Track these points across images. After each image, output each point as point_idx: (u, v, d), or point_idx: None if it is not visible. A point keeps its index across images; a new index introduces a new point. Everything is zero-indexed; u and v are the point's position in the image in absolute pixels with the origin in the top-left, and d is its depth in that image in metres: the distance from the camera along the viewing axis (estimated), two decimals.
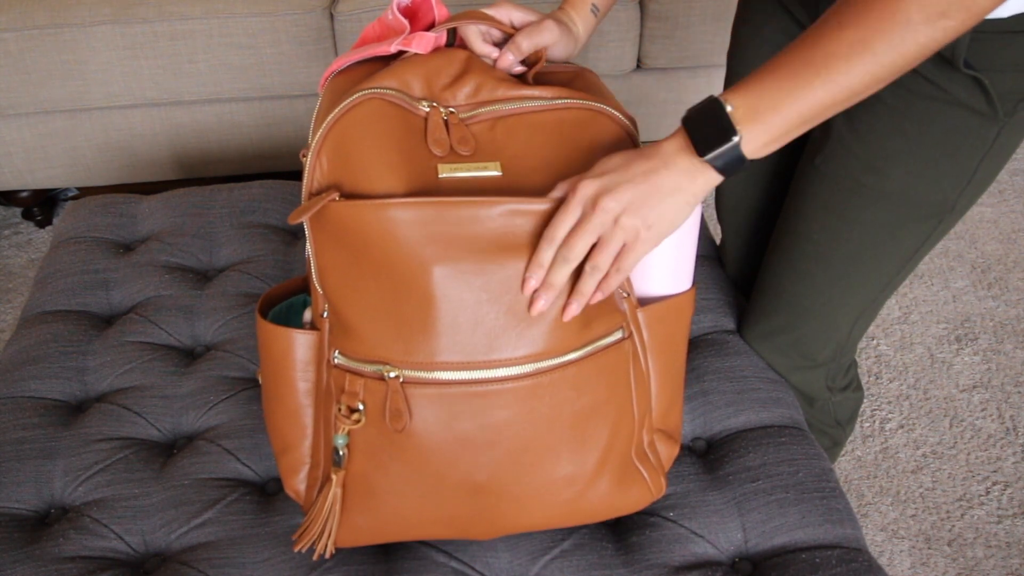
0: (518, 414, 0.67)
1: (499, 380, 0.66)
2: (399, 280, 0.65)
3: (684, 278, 0.81)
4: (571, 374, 0.68)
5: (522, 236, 0.66)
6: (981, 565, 1.35)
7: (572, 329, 0.68)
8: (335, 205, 0.64)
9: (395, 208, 0.64)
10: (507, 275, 0.65)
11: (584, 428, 0.70)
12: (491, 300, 0.65)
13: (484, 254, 0.65)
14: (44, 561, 0.76)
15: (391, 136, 0.68)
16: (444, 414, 0.67)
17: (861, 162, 0.80)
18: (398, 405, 0.67)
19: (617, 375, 0.72)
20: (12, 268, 1.85)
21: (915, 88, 0.74)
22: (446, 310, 0.65)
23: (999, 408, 1.58)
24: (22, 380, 0.94)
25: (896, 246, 0.85)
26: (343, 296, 0.68)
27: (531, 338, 0.66)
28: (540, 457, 0.69)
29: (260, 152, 1.81)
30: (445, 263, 0.64)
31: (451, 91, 0.72)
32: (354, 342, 0.68)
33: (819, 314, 0.93)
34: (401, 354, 0.66)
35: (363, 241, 0.65)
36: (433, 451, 0.68)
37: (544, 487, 0.71)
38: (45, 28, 1.58)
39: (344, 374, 0.69)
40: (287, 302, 0.80)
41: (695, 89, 1.85)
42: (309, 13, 1.61)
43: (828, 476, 0.84)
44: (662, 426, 0.80)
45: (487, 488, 0.69)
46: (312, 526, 0.72)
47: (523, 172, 0.69)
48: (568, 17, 0.81)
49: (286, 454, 0.76)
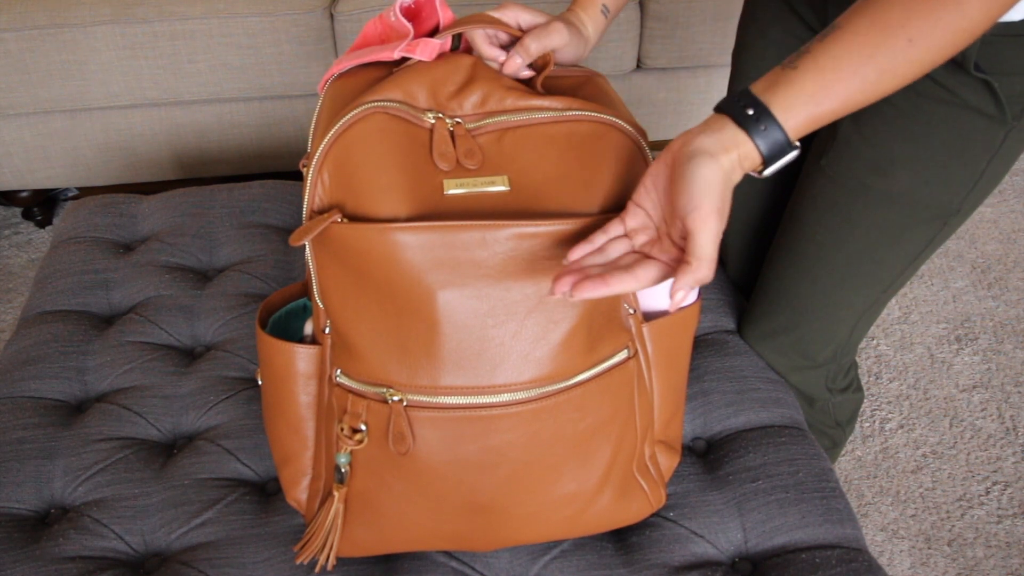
0: (521, 436, 0.67)
1: (503, 405, 0.66)
2: (403, 304, 0.64)
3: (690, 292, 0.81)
4: (576, 396, 0.68)
5: (529, 260, 0.64)
6: (981, 565, 1.35)
7: (578, 352, 0.67)
8: (338, 227, 0.63)
9: (400, 232, 0.62)
10: (513, 299, 0.64)
11: (587, 447, 0.70)
12: (496, 325, 0.64)
13: (490, 279, 0.63)
14: (44, 561, 0.76)
15: (395, 152, 0.66)
16: (447, 437, 0.66)
17: (867, 164, 0.80)
18: (401, 429, 0.66)
19: (621, 394, 0.72)
20: (12, 268, 1.85)
21: (924, 91, 0.74)
22: (451, 335, 0.64)
23: (999, 408, 1.58)
24: (22, 380, 0.94)
25: (900, 248, 0.84)
26: (346, 317, 0.67)
27: (536, 362, 0.65)
28: (543, 477, 0.69)
29: (260, 152, 1.81)
30: (450, 288, 0.63)
31: (457, 100, 0.70)
32: (357, 363, 0.67)
33: (821, 314, 0.92)
34: (405, 378, 0.65)
35: (366, 264, 0.63)
36: (435, 472, 0.68)
37: (546, 505, 0.70)
38: (45, 28, 1.58)
39: (346, 394, 0.68)
40: (286, 308, 0.80)
41: (695, 89, 1.85)
42: (309, 13, 1.61)
43: (828, 476, 0.84)
44: (663, 437, 0.80)
45: (489, 508, 0.69)
46: (314, 539, 0.72)
47: (531, 187, 0.67)
48: (577, 18, 0.79)
49: (288, 465, 0.76)
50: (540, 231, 0.63)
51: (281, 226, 1.17)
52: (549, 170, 0.68)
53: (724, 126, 0.57)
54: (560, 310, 0.66)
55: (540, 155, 0.69)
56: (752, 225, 1.08)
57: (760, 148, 0.57)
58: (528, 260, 0.64)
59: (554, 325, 0.65)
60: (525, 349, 0.65)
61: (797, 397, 1.00)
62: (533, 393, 0.66)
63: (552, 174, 0.68)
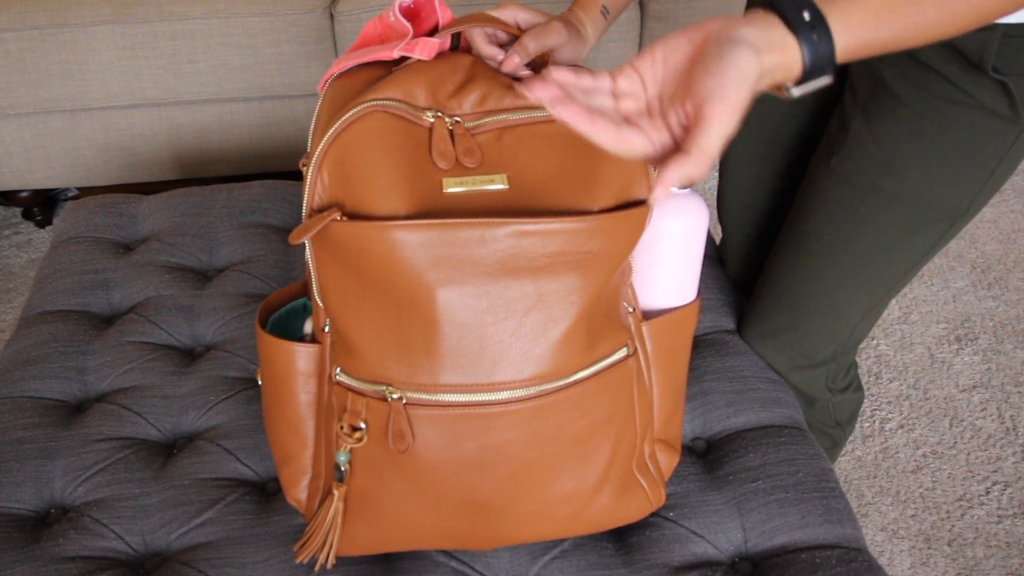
0: (521, 434, 0.67)
1: (503, 403, 0.66)
2: (403, 302, 0.64)
3: (689, 290, 0.81)
4: (575, 394, 0.68)
5: (529, 257, 0.64)
6: (981, 565, 1.35)
7: (577, 350, 0.67)
8: (337, 225, 0.63)
9: (399, 230, 0.62)
10: (512, 297, 0.64)
11: (587, 446, 0.70)
12: (496, 323, 0.64)
13: (490, 276, 0.64)
14: (44, 561, 0.76)
15: (394, 151, 0.66)
16: (447, 435, 0.66)
17: (878, 164, 0.80)
18: (401, 427, 0.66)
19: (621, 392, 0.72)
20: (12, 268, 1.85)
21: (937, 91, 0.74)
22: (450, 333, 0.64)
23: (999, 408, 1.58)
24: (22, 380, 0.94)
25: (907, 248, 0.84)
26: (345, 315, 0.67)
27: (536, 360, 0.65)
28: (542, 475, 0.69)
29: (260, 152, 1.81)
30: (450, 286, 0.63)
31: (456, 99, 0.70)
32: (356, 361, 0.67)
33: (823, 314, 0.92)
34: (404, 376, 0.66)
35: (366, 262, 0.63)
36: (435, 470, 0.68)
37: (545, 503, 0.70)
38: (45, 28, 1.58)
39: (346, 392, 0.68)
40: (286, 307, 0.80)
41: None
42: (309, 13, 1.61)
43: (828, 476, 0.84)
44: (663, 436, 0.80)
45: (488, 505, 0.69)
46: (314, 538, 0.72)
47: (531, 184, 0.67)
48: (577, 18, 0.78)
49: (287, 464, 0.76)
50: (539, 229, 0.63)
51: (281, 226, 1.17)
52: (548, 168, 0.68)
53: (773, 25, 0.51)
54: (560, 308, 0.66)
55: (539, 153, 0.69)
56: (754, 224, 1.08)
57: (805, 59, 0.51)
58: (527, 258, 0.64)
59: (553, 323, 0.65)
60: (524, 347, 0.65)
61: (797, 397, 1.00)
62: (532, 391, 0.66)
63: (551, 172, 0.68)
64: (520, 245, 0.63)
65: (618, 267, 0.69)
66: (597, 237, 0.65)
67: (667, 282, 0.79)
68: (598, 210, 0.66)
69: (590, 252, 0.65)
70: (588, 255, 0.65)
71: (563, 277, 0.65)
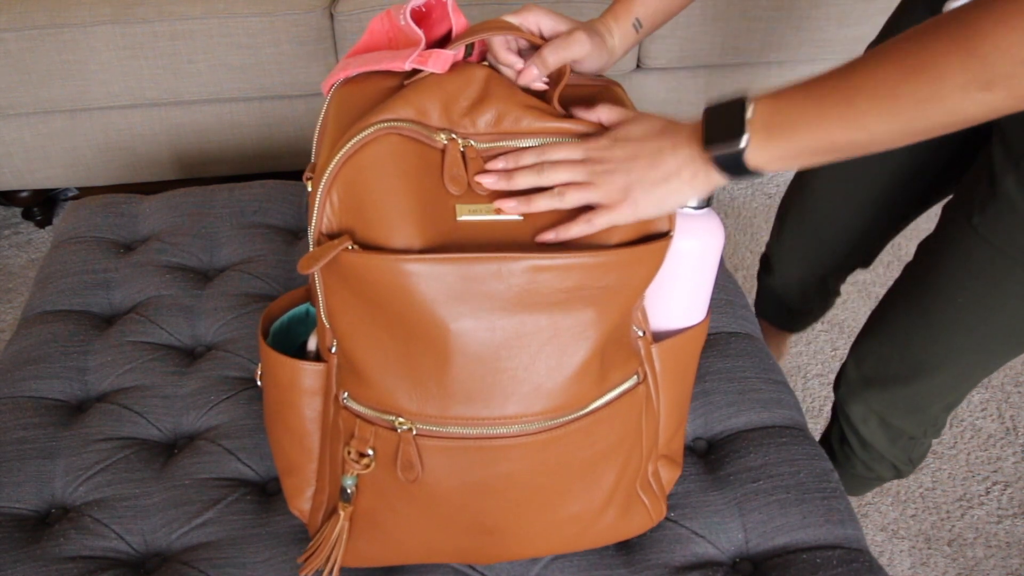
0: (530, 464, 0.66)
1: (513, 436, 0.65)
2: (415, 335, 0.63)
3: (701, 309, 0.79)
4: (586, 424, 0.67)
5: (545, 292, 0.62)
6: (981, 565, 1.35)
7: (590, 383, 0.66)
8: (349, 255, 0.61)
9: (414, 263, 0.60)
10: (527, 332, 0.63)
11: (594, 471, 0.70)
12: (509, 357, 0.63)
13: (504, 311, 0.62)
14: (44, 561, 0.76)
15: (407, 176, 0.63)
16: (456, 465, 0.66)
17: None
18: (410, 457, 0.65)
19: (630, 418, 0.71)
20: (12, 268, 1.85)
21: None
22: (463, 366, 0.63)
23: (999, 408, 1.58)
24: (22, 380, 0.94)
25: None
26: (354, 342, 0.66)
27: (548, 394, 0.64)
28: (549, 500, 0.69)
29: (260, 152, 1.81)
30: (464, 320, 0.61)
31: (470, 117, 0.67)
32: (365, 388, 0.66)
33: (944, 373, 0.87)
34: (415, 407, 0.65)
35: (378, 293, 0.62)
36: (442, 497, 0.67)
37: (551, 525, 0.70)
38: (45, 28, 1.58)
39: (354, 419, 0.68)
40: (288, 314, 0.78)
41: (695, 89, 1.85)
42: (309, 13, 1.61)
43: (829, 476, 0.84)
44: (666, 452, 0.79)
45: (494, 528, 0.69)
46: (318, 553, 0.72)
47: (546, 214, 0.65)
48: (606, 27, 0.74)
49: (291, 475, 0.76)
50: (556, 264, 0.61)
51: (281, 226, 1.17)
52: None
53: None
54: (574, 343, 0.64)
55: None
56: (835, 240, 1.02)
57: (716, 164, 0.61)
58: (543, 293, 0.62)
59: (567, 357, 0.64)
60: (537, 381, 0.64)
61: (883, 435, 0.95)
62: (544, 424, 0.65)
63: None
64: (536, 280, 0.61)
65: (635, 301, 0.68)
66: (614, 271, 0.63)
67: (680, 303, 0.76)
68: (615, 243, 0.64)
69: (607, 287, 0.63)
70: (605, 290, 0.64)
71: (579, 312, 0.64)
